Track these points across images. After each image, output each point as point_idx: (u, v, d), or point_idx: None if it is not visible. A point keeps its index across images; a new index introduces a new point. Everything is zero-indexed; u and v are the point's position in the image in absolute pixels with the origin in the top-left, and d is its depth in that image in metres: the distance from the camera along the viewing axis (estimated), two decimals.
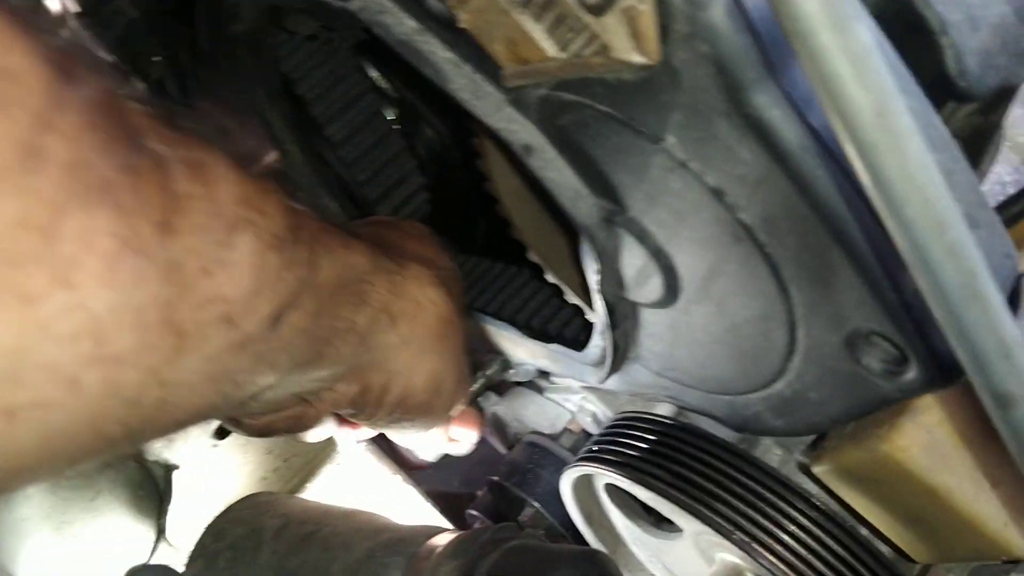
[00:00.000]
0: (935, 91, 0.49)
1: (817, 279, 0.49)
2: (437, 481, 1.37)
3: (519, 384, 1.07)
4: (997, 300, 0.38)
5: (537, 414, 1.05)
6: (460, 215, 1.00)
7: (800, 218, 0.47)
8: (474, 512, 1.11)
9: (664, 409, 0.84)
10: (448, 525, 1.03)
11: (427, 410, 0.67)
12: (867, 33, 0.34)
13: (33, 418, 0.33)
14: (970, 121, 0.57)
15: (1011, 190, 0.80)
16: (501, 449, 1.35)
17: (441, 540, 0.66)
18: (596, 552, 0.61)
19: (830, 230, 0.46)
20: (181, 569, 0.80)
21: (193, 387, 0.40)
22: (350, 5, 0.60)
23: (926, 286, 0.38)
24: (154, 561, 0.81)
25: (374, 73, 0.96)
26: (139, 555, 0.86)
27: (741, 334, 0.57)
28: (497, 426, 1.14)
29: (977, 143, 0.58)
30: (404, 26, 0.58)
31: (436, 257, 0.69)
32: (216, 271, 0.40)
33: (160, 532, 0.87)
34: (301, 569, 0.69)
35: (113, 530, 0.85)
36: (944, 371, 0.48)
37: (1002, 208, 0.66)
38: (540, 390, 1.06)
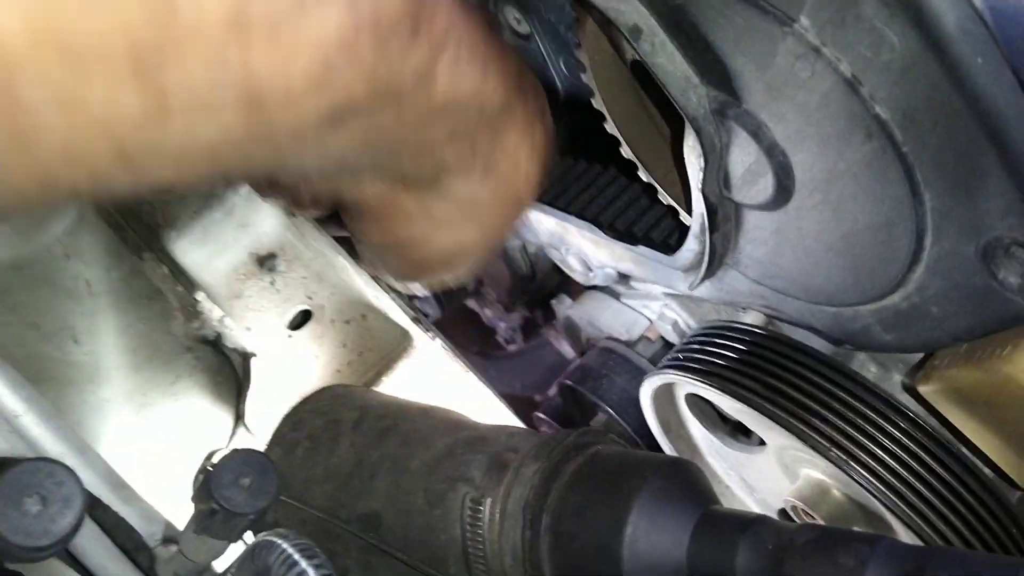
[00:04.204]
0: None
1: (959, 183, 0.45)
2: (500, 383, 1.37)
3: (594, 287, 1.04)
4: None
5: (613, 319, 1.02)
6: None
7: (950, 113, 0.42)
8: (542, 415, 1.10)
9: (752, 318, 0.80)
10: (524, 426, 1.02)
11: (422, 268, 0.58)
12: None
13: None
14: None
15: None
16: (568, 354, 1.34)
17: (522, 440, 0.65)
18: (683, 460, 0.59)
19: (986, 128, 0.41)
20: None
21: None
22: None
23: None
24: (232, 446, 0.82)
25: None
26: (218, 440, 0.87)
27: (859, 241, 0.53)
28: (570, 330, 1.12)
29: None
30: None
31: (542, 111, 0.57)
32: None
33: (238, 418, 0.88)
34: (380, 463, 0.69)
35: (193, 414, 0.86)
36: None
37: None
38: (617, 295, 1.03)
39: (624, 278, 0.92)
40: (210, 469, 0.49)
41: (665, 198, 0.71)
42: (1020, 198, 0.43)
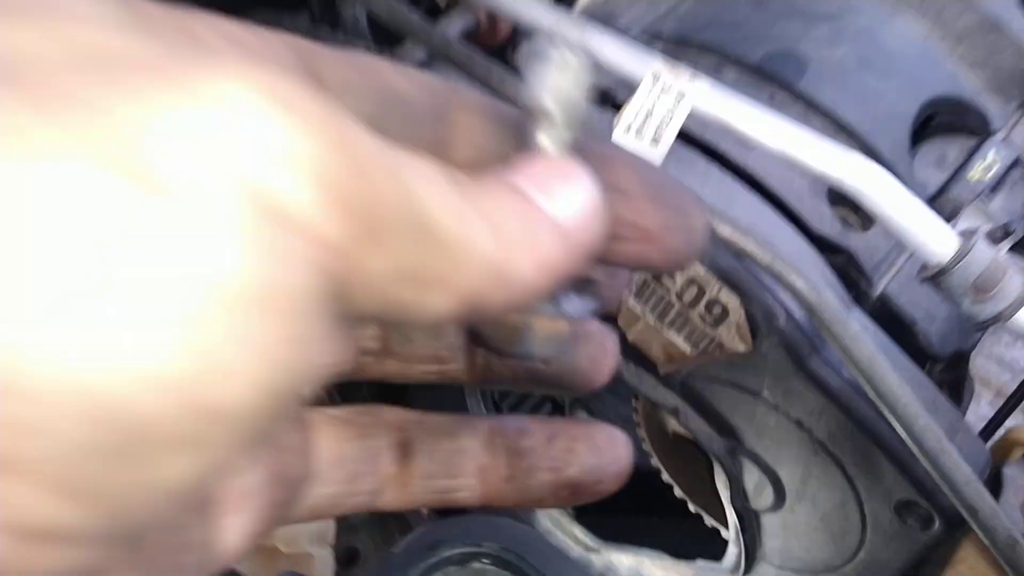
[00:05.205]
0: (918, 356, 0.84)
1: (869, 470, 0.81)
2: None
3: None
4: (959, 460, 0.70)
5: None
6: None
7: (850, 432, 0.80)
8: None
9: None
10: None
11: None
12: (855, 324, 0.70)
13: None
14: (944, 375, 0.90)
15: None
16: None
17: None
18: None
19: (870, 437, 0.79)
20: None
21: None
22: None
23: (920, 455, 0.70)
24: None
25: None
26: None
27: (831, 520, 0.87)
28: None
29: (956, 388, 0.91)
30: None
31: None
32: None
33: None
34: None
35: None
36: (956, 521, 0.78)
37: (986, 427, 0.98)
38: None
39: None
40: None
41: (709, 521, 1.05)
42: (901, 474, 0.79)
